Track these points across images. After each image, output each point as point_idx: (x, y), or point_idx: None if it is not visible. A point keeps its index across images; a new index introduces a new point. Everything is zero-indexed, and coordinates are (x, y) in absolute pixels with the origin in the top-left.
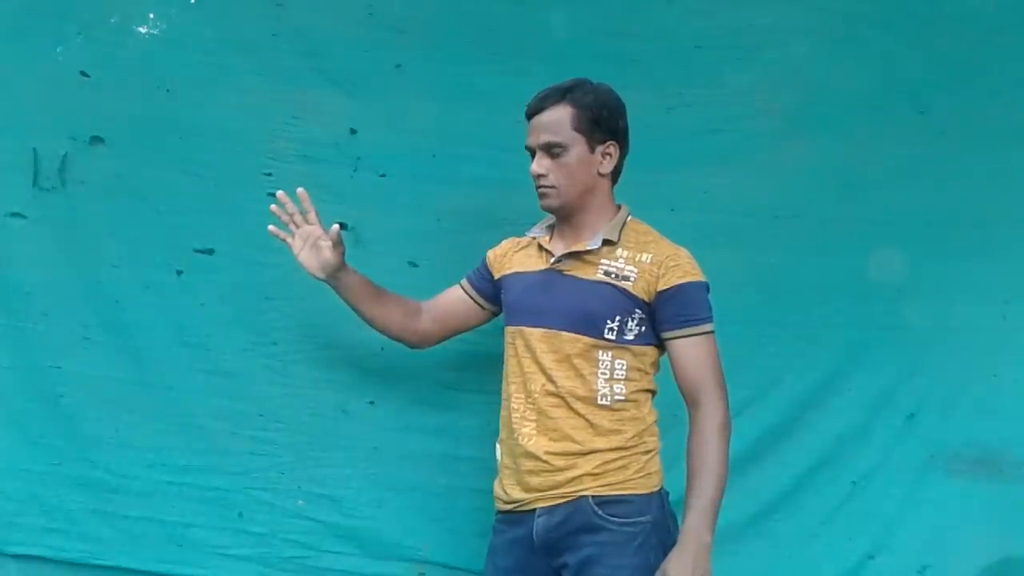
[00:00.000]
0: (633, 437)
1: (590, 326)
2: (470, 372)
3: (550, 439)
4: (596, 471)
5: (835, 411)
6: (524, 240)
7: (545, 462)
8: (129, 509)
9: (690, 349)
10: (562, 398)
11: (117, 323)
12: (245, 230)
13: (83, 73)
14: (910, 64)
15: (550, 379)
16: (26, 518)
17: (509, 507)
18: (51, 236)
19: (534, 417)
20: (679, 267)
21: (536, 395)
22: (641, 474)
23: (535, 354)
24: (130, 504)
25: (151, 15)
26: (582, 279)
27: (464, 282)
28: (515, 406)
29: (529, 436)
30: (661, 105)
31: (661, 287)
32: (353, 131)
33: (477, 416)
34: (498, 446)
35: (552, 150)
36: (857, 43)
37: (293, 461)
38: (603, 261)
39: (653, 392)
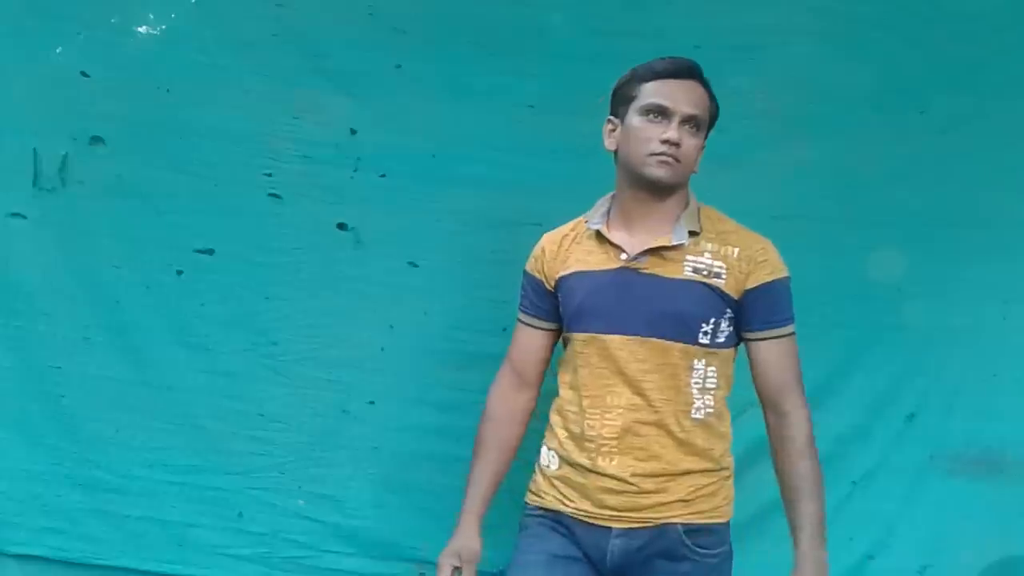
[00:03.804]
0: (721, 456)
1: (683, 330)
2: (470, 372)
3: (636, 459)
4: (688, 497)
5: (835, 411)
6: (569, 233)
7: (632, 484)
8: (130, 509)
9: (775, 351)
10: (652, 413)
11: (117, 323)
12: (245, 230)
13: (83, 73)
14: (910, 64)
15: (638, 391)
16: (26, 518)
17: (569, 510)
18: (51, 236)
19: (615, 435)
20: (768, 263)
21: (619, 410)
22: (726, 502)
23: (618, 364)
24: (131, 504)
25: (151, 15)
26: (668, 279)
27: (525, 320)
28: (590, 422)
29: (609, 456)
30: None
31: (750, 285)
32: (353, 131)
33: (478, 416)
34: (549, 452)
35: (695, 124)
36: (857, 43)
37: (293, 461)
38: (688, 257)
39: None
